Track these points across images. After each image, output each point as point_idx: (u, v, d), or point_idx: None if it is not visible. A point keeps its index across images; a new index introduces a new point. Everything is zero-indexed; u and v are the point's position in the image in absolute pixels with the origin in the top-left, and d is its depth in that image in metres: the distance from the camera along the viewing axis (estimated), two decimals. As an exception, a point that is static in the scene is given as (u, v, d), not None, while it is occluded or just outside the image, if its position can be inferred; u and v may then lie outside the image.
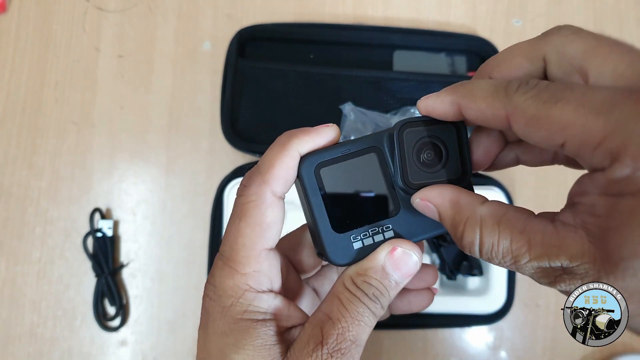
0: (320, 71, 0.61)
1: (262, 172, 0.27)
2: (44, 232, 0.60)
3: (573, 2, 0.67)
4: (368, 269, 0.27)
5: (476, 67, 0.64)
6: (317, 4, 0.66)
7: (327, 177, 0.27)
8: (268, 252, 0.27)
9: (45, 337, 0.58)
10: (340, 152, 0.27)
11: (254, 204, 0.26)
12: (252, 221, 0.26)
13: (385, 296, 0.26)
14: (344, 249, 0.27)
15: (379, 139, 0.28)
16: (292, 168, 0.27)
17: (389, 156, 0.28)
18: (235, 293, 0.26)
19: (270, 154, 0.27)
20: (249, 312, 0.26)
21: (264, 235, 0.26)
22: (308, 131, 0.27)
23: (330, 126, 0.28)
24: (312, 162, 0.27)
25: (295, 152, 0.27)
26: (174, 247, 0.60)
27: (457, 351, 0.60)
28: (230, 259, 0.26)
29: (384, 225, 0.28)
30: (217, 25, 0.64)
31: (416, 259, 0.27)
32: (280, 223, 0.27)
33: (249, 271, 0.26)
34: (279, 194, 0.27)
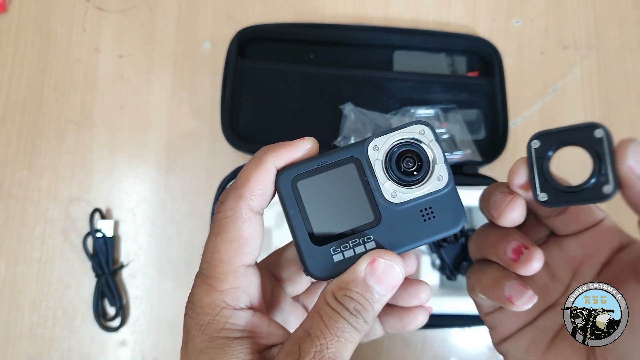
0: (320, 71, 0.61)
1: (238, 187, 0.26)
2: (44, 232, 0.60)
3: (573, 2, 0.67)
4: (349, 282, 0.25)
5: (476, 67, 0.64)
6: (317, 4, 0.66)
7: (304, 190, 0.27)
8: (246, 268, 0.26)
9: (45, 338, 0.58)
10: (317, 164, 0.27)
11: (230, 219, 0.26)
12: (228, 236, 0.26)
13: (369, 310, 0.25)
14: (324, 262, 0.26)
15: (356, 150, 0.27)
16: (269, 182, 0.26)
17: (368, 167, 0.27)
18: (213, 310, 0.26)
19: (246, 169, 0.27)
20: (226, 330, 0.25)
21: (241, 250, 0.26)
22: (284, 145, 0.27)
23: (307, 139, 0.28)
24: (289, 175, 0.27)
25: (272, 165, 0.27)
26: (174, 247, 0.60)
27: (457, 351, 0.60)
28: (208, 276, 0.26)
29: (365, 236, 0.27)
30: (217, 25, 0.64)
31: (398, 270, 0.26)
32: (258, 238, 0.27)
33: (227, 288, 0.26)
34: (256, 208, 0.26)
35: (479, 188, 0.56)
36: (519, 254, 0.25)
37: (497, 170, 0.61)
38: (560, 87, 0.65)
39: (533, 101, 0.65)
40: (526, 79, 0.65)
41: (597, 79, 0.66)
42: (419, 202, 0.27)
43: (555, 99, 0.65)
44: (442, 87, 0.61)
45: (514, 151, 0.62)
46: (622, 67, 0.66)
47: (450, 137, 0.59)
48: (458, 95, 0.61)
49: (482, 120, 0.61)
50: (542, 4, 0.67)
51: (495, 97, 0.62)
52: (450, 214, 0.27)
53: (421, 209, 0.27)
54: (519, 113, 0.64)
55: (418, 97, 0.61)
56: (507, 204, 0.26)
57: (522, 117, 0.64)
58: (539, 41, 0.66)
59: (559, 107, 0.65)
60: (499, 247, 0.27)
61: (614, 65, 0.66)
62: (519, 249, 0.25)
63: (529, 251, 0.25)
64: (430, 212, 0.27)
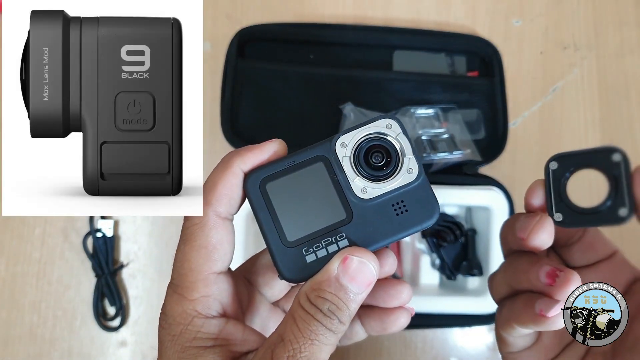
0: (320, 71, 0.61)
1: (204, 193, 0.26)
2: (44, 232, 0.60)
3: (573, 2, 0.67)
4: (321, 282, 0.25)
5: (476, 67, 0.64)
6: (317, 4, 0.66)
7: (273, 192, 0.26)
8: (217, 276, 0.26)
9: (45, 338, 0.58)
10: (285, 164, 0.27)
11: (197, 226, 0.26)
12: (196, 244, 0.26)
13: (343, 310, 0.24)
14: (296, 263, 0.26)
15: (324, 148, 0.27)
16: (236, 186, 0.26)
17: (336, 165, 0.27)
18: (184, 320, 0.25)
19: (212, 174, 0.26)
20: (198, 339, 0.25)
21: (210, 258, 0.26)
22: (250, 148, 0.27)
23: (274, 141, 0.28)
24: (257, 177, 0.27)
25: (238, 169, 0.26)
26: (174, 247, 0.60)
27: (457, 351, 0.60)
28: (178, 286, 0.26)
29: (338, 234, 0.26)
30: (217, 25, 0.64)
31: (372, 267, 0.25)
32: (228, 244, 0.26)
33: (197, 296, 0.25)
34: (224, 214, 0.26)
35: (479, 188, 0.56)
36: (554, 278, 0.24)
37: (497, 170, 0.61)
38: (560, 87, 0.65)
39: (533, 101, 0.65)
40: (526, 79, 0.65)
41: (597, 79, 0.66)
42: (390, 197, 0.26)
43: (555, 99, 0.65)
44: (442, 87, 0.61)
45: (514, 151, 0.62)
46: (622, 67, 0.66)
47: (450, 137, 0.59)
48: (458, 95, 0.61)
49: (482, 120, 0.61)
50: (542, 4, 0.67)
51: (495, 97, 0.62)
52: (424, 206, 0.26)
53: (393, 203, 0.26)
54: (519, 113, 0.65)
55: (418, 97, 0.61)
56: (535, 223, 0.25)
57: (522, 117, 0.64)
58: (539, 41, 0.66)
59: (558, 107, 0.65)
60: (531, 273, 0.26)
61: (614, 66, 0.66)
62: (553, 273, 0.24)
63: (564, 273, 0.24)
64: (403, 206, 0.26)
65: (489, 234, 0.55)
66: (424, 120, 0.60)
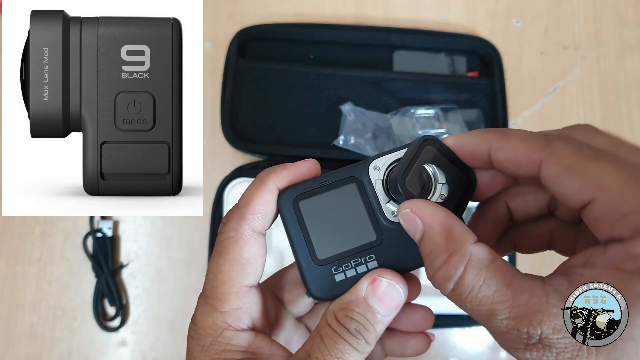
0: (320, 71, 0.61)
1: (240, 207, 0.26)
2: (44, 232, 0.60)
3: (573, 3, 0.67)
4: (349, 302, 0.25)
5: (476, 67, 0.64)
6: (317, 4, 0.66)
7: (306, 209, 0.27)
8: (249, 289, 0.26)
9: (45, 338, 0.58)
10: (319, 183, 0.27)
11: (232, 240, 0.26)
12: (230, 257, 0.26)
13: (370, 331, 0.25)
14: (325, 282, 0.26)
15: (358, 169, 0.27)
16: (271, 202, 0.27)
17: (369, 187, 0.27)
18: (214, 331, 0.26)
19: (248, 190, 0.27)
20: (227, 352, 0.25)
21: (243, 271, 0.26)
22: (286, 166, 0.27)
23: (309, 160, 0.28)
24: (290, 194, 0.27)
25: (273, 186, 0.27)
26: (174, 247, 0.60)
27: (457, 351, 0.60)
28: (210, 297, 0.26)
29: (367, 256, 0.26)
30: (217, 25, 0.64)
31: (400, 290, 0.25)
32: (260, 258, 0.27)
33: (228, 309, 0.26)
34: (258, 229, 0.26)
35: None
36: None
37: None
38: (560, 87, 0.65)
39: (533, 101, 0.65)
40: (526, 79, 0.65)
41: (597, 79, 0.66)
42: None
43: (555, 99, 0.65)
44: (442, 87, 0.61)
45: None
46: (622, 67, 0.66)
47: (450, 137, 0.59)
48: (458, 95, 0.61)
49: (482, 120, 0.61)
50: (542, 4, 0.67)
51: (495, 97, 0.62)
52: None
53: None
54: (519, 113, 0.65)
55: (418, 97, 0.61)
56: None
57: (522, 117, 0.64)
58: (539, 41, 0.66)
59: (559, 107, 0.65)
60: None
61: (614, 65, 0.66)
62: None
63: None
64: None
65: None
66: (424, 120, 0.60)
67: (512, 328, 0.21)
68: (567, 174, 0.21)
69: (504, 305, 0.21)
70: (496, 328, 0.21)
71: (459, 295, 0.22)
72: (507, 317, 0.21)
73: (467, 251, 0.22)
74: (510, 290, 0.21)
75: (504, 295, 0.21)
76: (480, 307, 0.22)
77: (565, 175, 0.21)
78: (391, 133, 0.59)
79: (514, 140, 0.23)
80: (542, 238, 0.29)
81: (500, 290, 0.21)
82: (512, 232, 0.30)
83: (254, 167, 0.59)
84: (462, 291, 0.22)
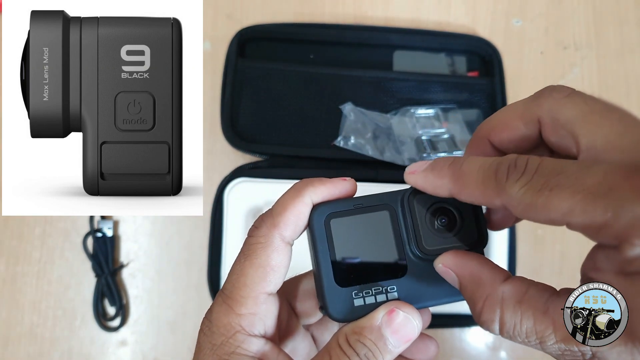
0: (320, 71, 0.61)
1: (274, 215, 0.27)
2: (44, 232, 0.60)
3: (573, 2, 0.67)
4: (363, 328, 0.25)
5: (476, 67, 0.64)
6: (317, 4, 0.66)
7: (336, 229, 0.27)
8: (267, 297, 0.27)
9: (45, 337, 0.58)
10: (353, 205, 0.27)
11: (261, 245, 0.26)
12: (256, 262, 0.26)
13: (379, 359, 0.25)
14: (344, 304, 0.27)
15: (393, 198, 0.27)
16: (304, 214, 0.27)
17: (402, 217, 0.27)
18: (227, 332, 0.26)
19: (284, 198, 0.27)
20: (236, 355, 0.26)
21: (266, 278, 0.26)
22: (324, 181, 0.27)
23: (348, 180, 0.28)
24: (324, 211, 0.27)
25: (309, 199, 0.27)
26: (174, 247, 0.60)
27: (457, 351, 0.60)
28: (229, 297, 0.26)
29: (389, 286, 0.27)
30: (217, 25, 0.64)
31: (415, 325, 0.26)
32: (284, 269, 0.27)
33: (245, 312, 0.26)
34: (288, 239, 0.27)
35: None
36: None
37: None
38: (560, 87, 0.65)
39: (533, 101, 0.65)
40: (526, 79, 0.65)
41: (597, 79, 0.66)
42: None
43: (555, 99, 0.65)
44: (442, 87, 0.61)
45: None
46: (622, 67, 0.66)
47: (450, 137, 0.59)
48: (458, 95, 0.61)
49: (482, 120, 0.61)
50: (542, 4, 0.67)
51: (495, 97, 0.62)
52: None
53: None
54: (519, 113, 0.64)
55: (418, 97, 0.61)
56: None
57: (522, 117, 0.64)
58: (539, 41, 0.66)
59: (559, 107, 0.65)
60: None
61: (614, 65, 0.66)
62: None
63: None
64: None
65: (489, 233, 0.55)
66: (424, 120, 0.60)
67: (565, 350, 0.21)
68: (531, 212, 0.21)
69: (548, 331, 0.22)
70: (553, 353, 0.22)
71: (507, 334, 0.23)
72: (555, 341, 0.21)
73: (498, 294, 0.23)
74: (549, 317, 0.22)
75: (544, 323, 0.22)
76: (529, 339, 0.22)
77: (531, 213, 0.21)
78: (391, 133, 0.59)
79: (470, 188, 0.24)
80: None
81: (539, 320, 0.22)
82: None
83: (254, 167, 0.59)
84: (508, 330, 0.23)
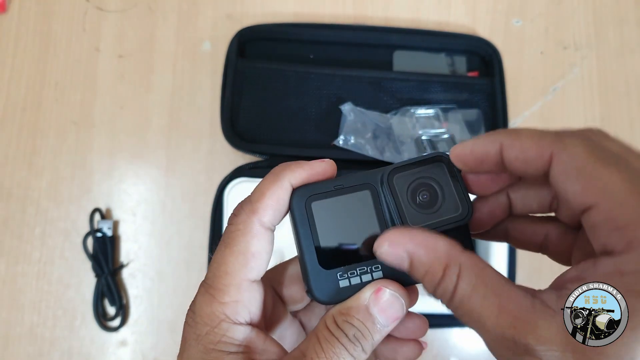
0: (320, 71, 0.61)
1: (252, 201, 0.26)
2: (44, 232, 0.60)
3: (573, 2, 0.67)
4: (351, 308, 0.25)
5: (476, 67, 0.64)
6: (317, 4, 0.66)
7: (318, 211, 0.27)
8: (250, 283, 0.26)
9: (45, 337, 0.58)
10: (333, 186, 0.27)
11: (240, 232, 0.26)
12: (236, 249, 0.26)
13: (368, 339, 0.25)
14: (329, 286, 0.26)
15: (373, 177, 0.27)
16: (283, 199, 0.26)
17: (383, 196, 0.27)
18: (212, 321, 0.26)
19: (262, 184, 0.27)
20: (222, 343, 0.25)
21: (247, 264, 0.26)
22: (302, 164, 0.27)
23: (326, 161, 0.27)
24: (304, 194, 0.27)
25: (287, 183, 0.26)
26: (174, 247, 0.60)
27: (457, 351, 0.60)
28: (211, 286, 0.26)
29: (373, 265, 0.26)
30: (217, 25, 0.64)
31: (402, 303, 0.25)
32: (266, 254, 0.26)
33: (228, 300, 0.26)
34: (268, 224, 0.26)
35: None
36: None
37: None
38: (560, 87, 0.65)
39: (533, 101, 0.65)
40: (526, 79, 0.65)
41: (597, 79, 0.66)
42: None
43: (555, 99, 0.65)
44: (442, 87, 0.61)
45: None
46: (622, 67, 0.66)
47: (450, 137, 0.59)
48: (458, 95, 0.61)
49: (482, 120, 0.61)
50: (542, 4, 0.67)
51: (495, 97, 0.62)
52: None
53: None
54: (519, 113, 0.65)
55: (418, 97, 0.61)
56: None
57: (522, 117, 0.64)
58: (539, 41, 0.66)
59: (559, 107, 0.65)
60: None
61: (614, 65, 0.66)
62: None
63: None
64: None
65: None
66: (424, 120, 0.60)
67: (500, 336, 0.21)
68: (574, 173, 0.21)
69: (492, 313, 0.21)
70: (486, 336, 0.22)
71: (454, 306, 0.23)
72: (495, 325, 0.21)
73: (458, 262, 0.23)
74: (498, 299, 0.21)
75: (493, 304, 0.21)
76: (471, 315, 0.22)
77: (573, 174, 0.21)
78: (391, 133, 0.59)
79: (524, 137, 0.24)
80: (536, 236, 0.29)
81: (489, 299, 0.21)
82: (507, 221, 0.30)
83: (254, 167, 0.59)
84: (456, 301, 0.22)
